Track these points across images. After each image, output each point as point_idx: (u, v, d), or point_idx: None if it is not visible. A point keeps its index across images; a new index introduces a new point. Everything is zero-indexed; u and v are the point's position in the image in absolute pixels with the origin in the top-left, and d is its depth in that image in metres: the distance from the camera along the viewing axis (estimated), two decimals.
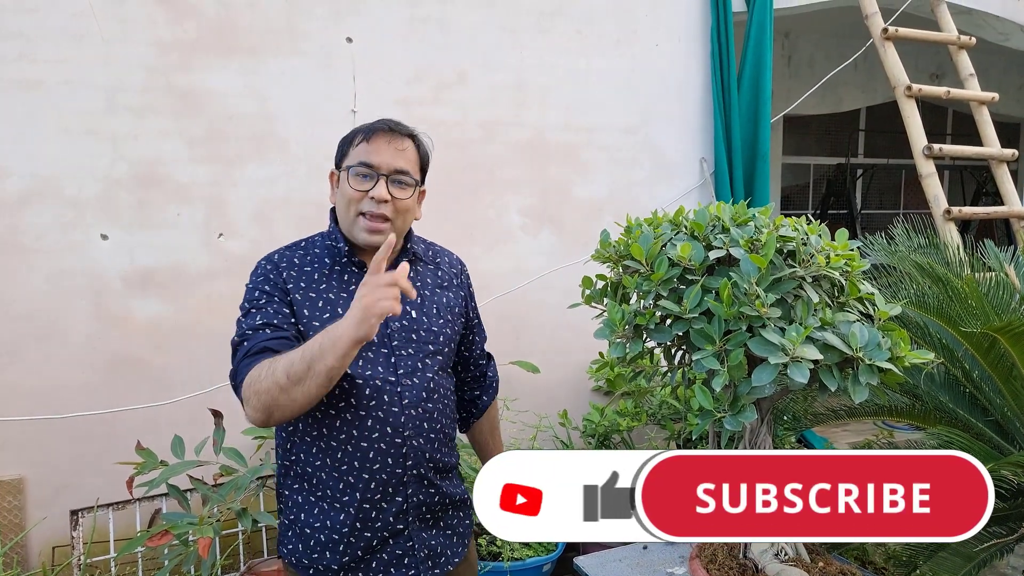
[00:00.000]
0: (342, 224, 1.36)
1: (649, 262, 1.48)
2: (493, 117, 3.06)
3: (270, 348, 1.23)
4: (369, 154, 1.31)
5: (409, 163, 1.36)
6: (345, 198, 1.33)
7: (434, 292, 1.45)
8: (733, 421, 1.37)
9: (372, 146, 1.32)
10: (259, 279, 1.35)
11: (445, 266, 1.53)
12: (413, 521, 1.36)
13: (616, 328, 1.48)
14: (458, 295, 1.51)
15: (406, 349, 1.35)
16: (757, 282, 1.37)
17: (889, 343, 1.40)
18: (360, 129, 1.36)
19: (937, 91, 2.94)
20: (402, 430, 1.32)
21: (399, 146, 1.34)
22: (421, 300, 1.41)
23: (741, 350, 1.35)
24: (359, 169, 1.31)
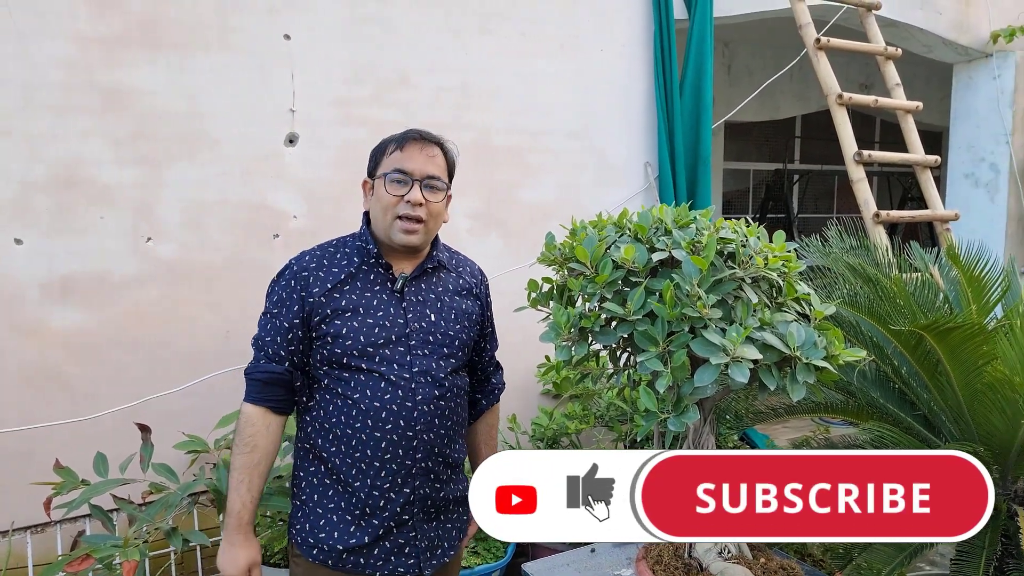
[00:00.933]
0: (378, 227, 1.47)
1: (594, 264, 1.48)
2: (437, 119, 3.03)
3: (261, 381, 1.45)
4: (403, 161, 1.44)
5: (439, 169, 1.48)
6: (382, 203, 1.44)
7: (453, 298, 1.55)
8: (676, 422, 1.38)
9: (405, 154, 1.44)
10: (282, 284, 1.48)
11: (467, 275, 1.63)
12: (417, 513, 1.46)
13: (561, 331, 1.47)
14: (475, 304, 1.61)
15: (422, 349, 1.46)
16: (699, 284, 1.38)
17: (824, 342, 1.43)
18: (392, 139, 1.49)
19: (866, 100, 3.05)
20: (414, 424, 1.43)
21: (430, 153, 1.47)
22: (440, 305, 1.52)
23: (684, 351, 1.36)
24: (395, 176, 1.43)
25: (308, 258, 1.49)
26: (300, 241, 2.76)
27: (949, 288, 2.02)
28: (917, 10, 3.94)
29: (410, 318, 1.47)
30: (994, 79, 4.20)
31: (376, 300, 1.46)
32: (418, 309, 1.50)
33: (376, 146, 1.52)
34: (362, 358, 1.43)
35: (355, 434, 1.42)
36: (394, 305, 1.48)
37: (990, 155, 4.26)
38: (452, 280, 1.58)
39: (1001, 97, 4.18)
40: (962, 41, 4.09)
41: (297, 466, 1.52)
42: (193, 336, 2.64)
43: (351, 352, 1.42)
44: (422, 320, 1.49)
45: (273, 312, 1.47)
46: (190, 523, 2.51)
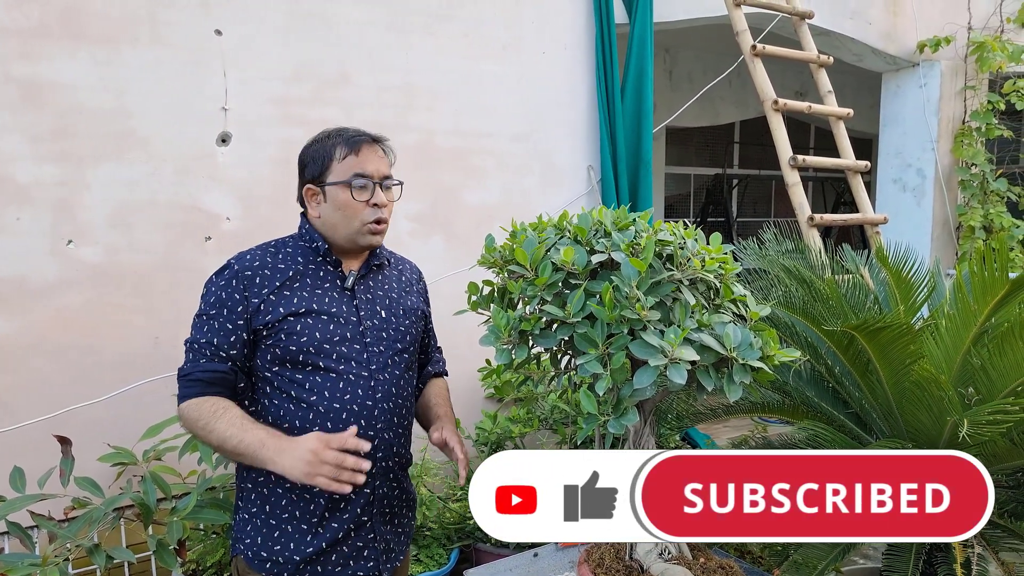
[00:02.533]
0: (337, 233, 1.45)
1: (533, 267, 1.47)
2: (379, 119, 2.97)
3: (203, 381, 1.38)
4: (362, 165, 1.43)
5: (388, 167, 1.50)
6: (347, 210, 1.43)
7: (400, 295, 1.56)
8: (616, 424, 1.37)
9: (362, 157, 1.44)
10: (222, 283, 1.42)
11: (407, 272, 1.65)
12: (376, 514, 1.45)
13: (501, 334, 1.45)
14: (418, 300, 1.63)
15: (378, 346, 1.46)
16: (637, 286, 1.38)
17: (760, 343, 1.45)
18: (336, 141, 1.45)
19: (800, 106, 3.14)
20: (375, 423, 1.43)
21: (379, 153, 1.48)
22: (389, 302, 1.53)
23: (623, 353, 1.36)
24: (358, 182, 1.42)
25: (250, 257, 1.45)
26: (234, 244, 2.67)
27: (879, 289, 2.09)
28: (848, 20, 4.09)
29: (363, 315, 1.47)
30: (920, 87, 4.40)
31: (328, 298, 1.44)
32: (369, 307, 1.49)
33: (312, 149, 1.48)
34: (319, 356, 1.40)
35: None
36: (346, 303, 1.46)
37: (917, 161, 4.45)
38: (395, 277, 1.59)
39: (927, 105, 4.37)
40: (890, 50, 4.26)
41: (243, 477, 1.47)
42: (120, 342, 2.51)
43: (307, 350, 1.40)
44: (374, 317, 1.48)
45: (212, 313, 1.41)
46: (116, 539, 2.39)
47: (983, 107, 4.40)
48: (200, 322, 1.42)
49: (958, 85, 4.44)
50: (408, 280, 1.62)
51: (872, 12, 4.20)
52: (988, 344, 1.62)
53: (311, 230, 1.48)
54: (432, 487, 2.74)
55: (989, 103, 4.39)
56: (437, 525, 2.57)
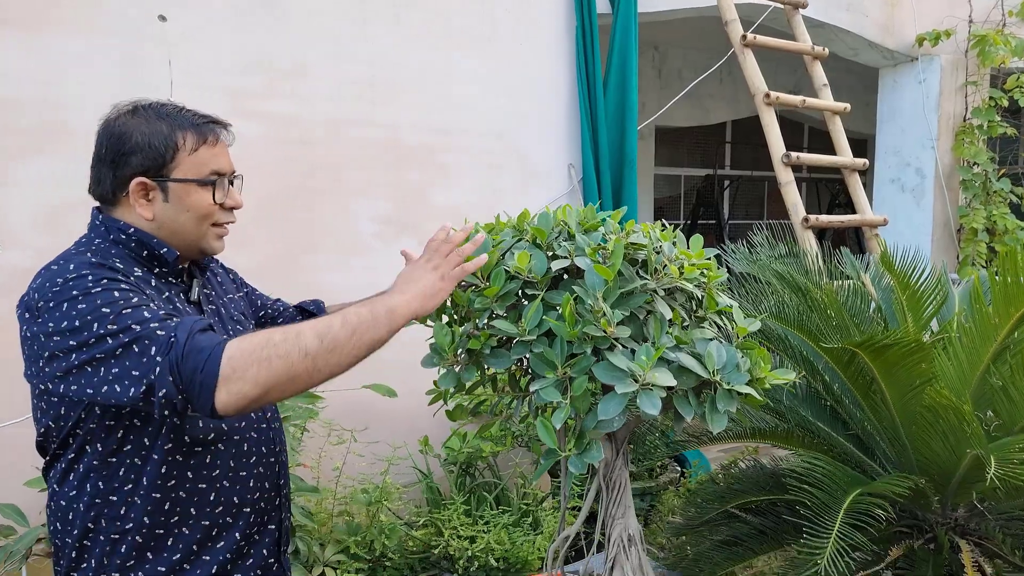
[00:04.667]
0: (181, 239, 1.18)
1: (485, 274, 1.25)
2: (340, 113, 2.76)
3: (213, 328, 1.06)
4: (216, 159, 1.18)
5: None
6: (196, 212, 1.16)
7: (228, 299, 1.35)
8: (577, 462, 1.16)
9: (217, 150, 1.19)
10: (102, 279, 1.04)
11: (218, 268, 1.42)
12: (283, 552, 1.30)
13: (445, 354, 1.24)
14: (235, 289, 1.42)
15: None
16: (603, 296, 1.17)
17: (748, 363, 1.24)
18: (185, 128, 1.16)
19: (793, 100, 2.94)
20: (273, 446, 1.27)
21: (227, 142, 1.23)
22: (226, 311, 1.31)
23: (586, 377, 1.15)
24: (212, 179, 1.17)
25: (99, 258, 1.10)
26: None
27: (882, 298, 1.88)
28: (843, 12, 3.90)
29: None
30: (919, 83, 4.21)
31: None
32: (216, 317, 1.26)
33: (139, 132, 1.12)
34: None
35: (216, 481, 1.16)
36: None
37: (916, 160, 4.26)
38: (216, 282, 1.35)
39: (927, 101, 4.19)
40: (888, 44, 4.07)
41: (83, 548, 1.11)
42: None
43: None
44: (228, 329, 1.27)
45: (133, 300, 1.03)
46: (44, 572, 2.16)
47: (985, 104, 4.21)
48: (131, 309, 1.01)
49: (959, 81, 4.25)
50: (223, 276, 1.41)
51: (869, 4, 4.01)
52: (1010, 361, 1.41)
53: (141, 233, 1.13)
54: (396, 512, 2.52)
55: (991, 99, 4.21)
56: (399, 555, 2.35)
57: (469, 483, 2.63)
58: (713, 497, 2.02)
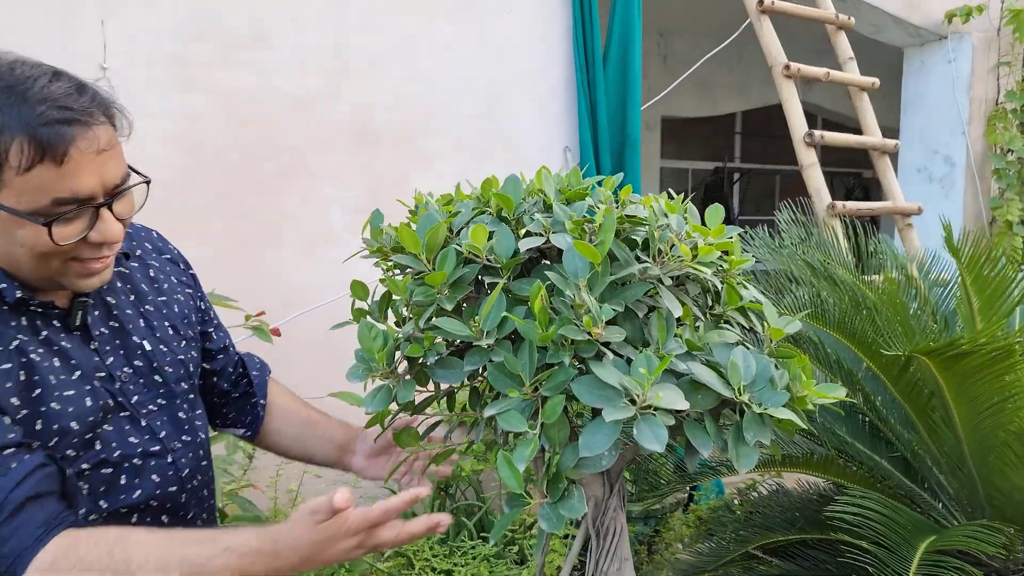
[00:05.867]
0: (25, 272, 0.86)
1: (430, 256, 0.94)
2: (304, 88, 2.45)
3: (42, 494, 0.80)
4: (68, 180, 0.79)
5: (120, 158, 0.86)
6: (33, 250, 0.82)
7: (158, 300, 1.02)
8: (551, 515, 0.84)
9: (67, 169, 0.79)
10: None
11: (152, 253, 1.07)
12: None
13: (374, 364, 0.92)
14: (182, 287, 1.09)
15: (154, 402, 0.96)
16: (587, 285, 0.86)
17: (786, 377, 0.92)
18: (17, 129, 0.76)
19: (816, 72, 2.62)
20: (184, 513, 0.98)
21: (101, 142, 0.82)
22: (145, 321, 0.99)
23: (562, 397, 0.83)
24: (58, 211, 0.80)
25: None
26: None
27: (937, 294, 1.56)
28: None
29: (111, 363, 0.93)
30: (948, 63, 3.88)
31: (51, 359, 0.86)
32: (116, 343, 0.94)
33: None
34: (77, 456, 0.86)
35: None
36: (81, 353, 0.89)
37: (944, 147, 3.92)
38: (140, 271, 1.02)
39: (956, 83, 3.85)
40: (914, 20, 3.74)
41: None
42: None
43: (57, 451, 0.85)
44: (132, 360, 0.95)
45: None
46: None
47: (1020, 85, 3.88)
48: None
49: (991, 61, 3.92)
50: (157, 261, 1.06)
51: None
52: None
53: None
54: None
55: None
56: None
57: (448, 506, 2.32)
58: (730, 532, 1.69)
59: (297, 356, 2.47)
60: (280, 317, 2.25)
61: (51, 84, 0.80)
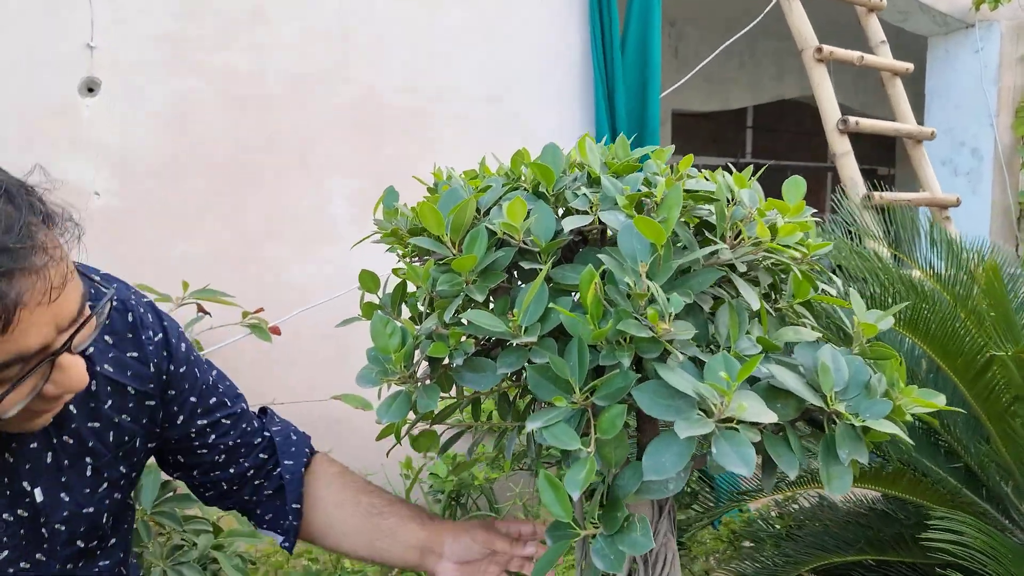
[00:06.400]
0: None
1: (456, 239, 0.79)
2: (305, 71, 2.30)
3: None
4: (13, 344, 0.60)
5: (76, 281, 0.66)
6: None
7: (84, 428, 0.79)
8: (609, 550, 0.69)
9: (15, 332, 0.59)
10: None
11: (111, 350, 0.82)
12: None
13: (392, 366, 0.77)
14: (138, 400, 0.83)
15: (28, 558, 0.76)
16: (649, 272, 0.71)
17: (884, 382, 0.78)
18: None
19: (850, 55, 2.47)
20: None
21: (56, 281, 0.61)
22: (54, 460, 0.77)
23: (622, 408, 0.69)
24: (2, 376, 0.62)
25: None
26: (107, 226, 2.00)
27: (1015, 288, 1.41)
28: None
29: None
30: (976, 52, 3.72)
31: None
32: (2, 481, 0.75)
33: None
34: None
35: None
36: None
37: (972, 139, 3.77)
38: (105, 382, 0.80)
39: (984, 73, 3.70)
40: (940, 7, 3.59)
41: None
42: None
43: None
44: (13, 504, 0.75)
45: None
46: None
47: None
48: None
49: (1021, 50, 3.76)
50: (113, 370, 0.81)
51: None
52: None
53: None
54: None
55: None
56: None
57: (460, 516, 2.17)
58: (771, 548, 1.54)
59: (298, 356, 2.32)
60: (280, 315, 2.10)
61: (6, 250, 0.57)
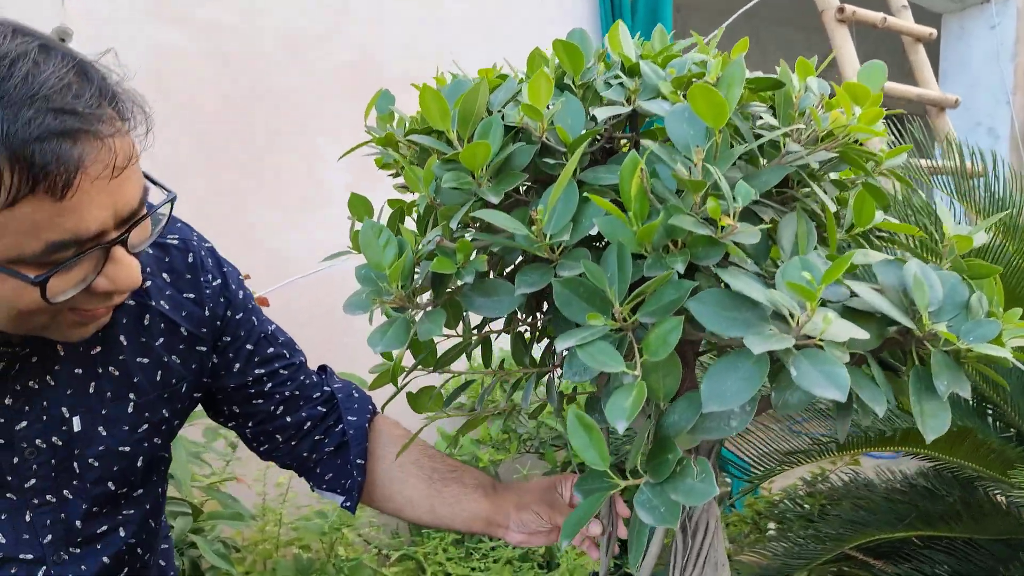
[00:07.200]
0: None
1: (466, 135, 0.65)
2: (298, 28, 2.17)
3: None
4: (69, 218, 0.54)
5: (139, 172, 0.61)
6: (15, 310, 0.58)
7: (133, 363, 0.73)
8: (659, 500, 0.55)
9: (72, 202, 0.53)
10: None
11: (168, 289, 0.76)
12: None
13: (386, 285, 0.64)
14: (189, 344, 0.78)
15: (56, 492, 0.69)
16: (707, 158, 0.58)
17: (985, 301, 0.65)
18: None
19: (872, 17, 2.34)
20: None
21: (121, 158, 0.56)
22: (97, 390, 0.70)
23: (676, 323, 0.55)
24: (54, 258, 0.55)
25: None
26: None
27: None
28: None
29: (20, 429, 0.66)
30: (991, 29, 3.60)
31: None
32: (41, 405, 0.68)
33: None
34: None
35: None
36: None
37: (987, 119, 3.65)
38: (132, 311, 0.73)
39: (1001, 50, 3.58)
40: None
41: None
42: None
43: None
44: (47, 432, 0.68)
45: None
46: None
47: None
48: None
49: None
50: (169, 308, 0.76)
51: None
52: None
53: None
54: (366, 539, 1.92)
55: None
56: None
57: None
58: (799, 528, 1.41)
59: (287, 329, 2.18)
60: (268, 285, 1.97)
61: (40, 69, 0.51)
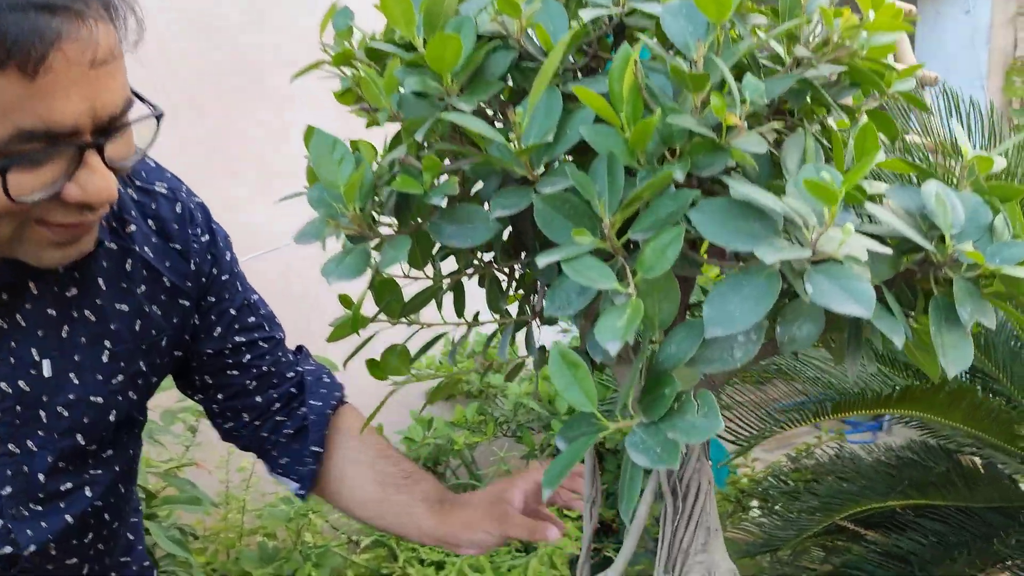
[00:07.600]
0: None
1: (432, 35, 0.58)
2: None
3: None
4: (40, 102, 0.50)
5: (123, 76, 0.57)
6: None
7: (111, 308, 0.69)
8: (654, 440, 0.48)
9: (45, 82, 0.49)
10: None
11: (154, 236, 0.74)
12: None
13: (342, 205, 0.56)
14: (172, 296, 0.74)
15: (19, 442, 0.65)
16: (708, 52, 0.51)
17: (1008, 224, 0.59)
18: None
19: None
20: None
21: (102, 49, 0.52)
22: (70, 333, 0.66)
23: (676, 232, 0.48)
24: (20, 149, 0.50)
25: None
26: None
27: None
28: None
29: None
30: (966, 13, 3.62)
31: None
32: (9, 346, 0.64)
33: None
34: None
35: None
36: None
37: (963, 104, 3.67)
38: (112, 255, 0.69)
39: (975, 35, 3.60)
40: None
41: None
42: None
43: None
44: (14, 375, 0.64)
45: None
46: None
47: None
48: None
49: (1011, 10, 3.67)
50: (154, 256, 0.72)
51: None
52: None
53: None
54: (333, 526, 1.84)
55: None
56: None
57: None
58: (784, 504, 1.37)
59: None
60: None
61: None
